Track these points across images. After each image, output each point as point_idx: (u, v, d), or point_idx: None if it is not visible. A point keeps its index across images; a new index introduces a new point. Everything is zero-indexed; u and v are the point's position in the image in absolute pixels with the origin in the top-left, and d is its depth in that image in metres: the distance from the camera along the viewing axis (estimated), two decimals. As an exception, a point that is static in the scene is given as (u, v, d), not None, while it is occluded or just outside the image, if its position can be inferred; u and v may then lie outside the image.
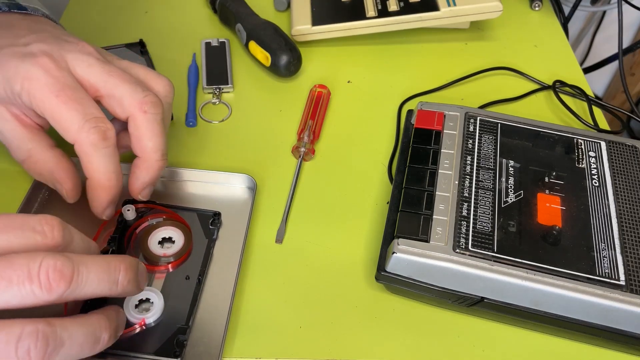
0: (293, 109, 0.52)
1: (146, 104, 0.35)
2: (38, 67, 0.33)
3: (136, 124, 0.36)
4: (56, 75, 0.33)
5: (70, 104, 0.33)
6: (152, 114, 0.36)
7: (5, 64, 0.34)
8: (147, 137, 0.36)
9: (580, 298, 0.35)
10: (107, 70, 0.35)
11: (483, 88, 0.56)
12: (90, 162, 0.34)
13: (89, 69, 0.35)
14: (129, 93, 0.35)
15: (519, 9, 0.66)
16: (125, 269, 0.29)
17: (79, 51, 0.35)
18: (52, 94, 0.33)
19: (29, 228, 0.27)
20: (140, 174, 0.37)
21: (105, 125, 0.34)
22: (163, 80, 0.39)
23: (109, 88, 0.35)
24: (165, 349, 0.35)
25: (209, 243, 0.40)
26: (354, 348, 0.37)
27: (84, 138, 0.33)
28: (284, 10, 0.63)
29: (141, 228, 0.40)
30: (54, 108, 0.33)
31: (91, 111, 0.34)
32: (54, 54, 0.34)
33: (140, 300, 0.37)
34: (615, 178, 0.42)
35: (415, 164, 0.42)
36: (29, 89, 0.33)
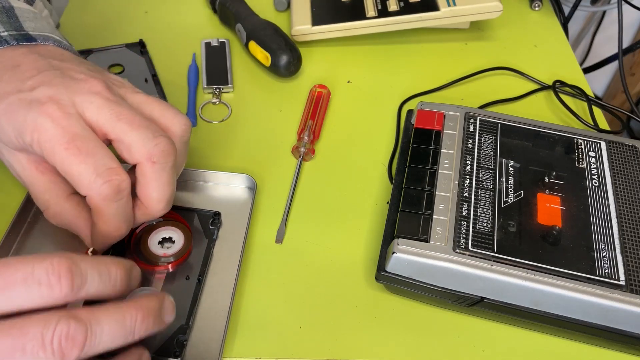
0: (293, 109, 0.52)
1: (155, 155, 0.33)
2: (45, 117, 0.32)
3: (143, 173, 0.34)
4: (64, 125, 0.32)
5: (81, 156, 0.31)
6: (161, 163, 0.33)
7: (14, 113, 0.32)
8: (152, 188, 0.34)
9: (580, 298, 0.35)
10: (117, 114, 0.33)
11: (483, 88, 0.56)
12: (101, 216, 0.33)
13: (98, 112, 0.33)
14: (138, 141, 0.33)
15: (519, 9, 0.66)
16: (143, 317, 0.28)
17: (87, 92, 0.33)
18: (61, 146, 0.31)
19: (34, 282, 0.26)
20: (137, 216, 0.36)
21: (119, 177, 0.32)
22: (180, 119, 0.36)
23: (117, 133, 0.33)
24: (165, 348, 0.35)
25: (209, 243, 0.40)
26: (354, 348, 0.37)
27: (95, 193, 0.32)
28: (284, 10, 0.63)
29: (141, 228, 0.40)
30: (64, 160, 0.31)
31: (103, 162, 0.32)
32: (61, 99, 0.33)
33: None
34: (615, 178, 0.42)
35: (415, 164, 0.42)
36: (38, 140, 0.32)
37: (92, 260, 0.28)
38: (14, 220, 0.40)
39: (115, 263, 0.29)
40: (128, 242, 0.40)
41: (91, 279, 0.27)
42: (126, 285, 0.30)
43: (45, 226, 0.41)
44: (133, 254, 0.39)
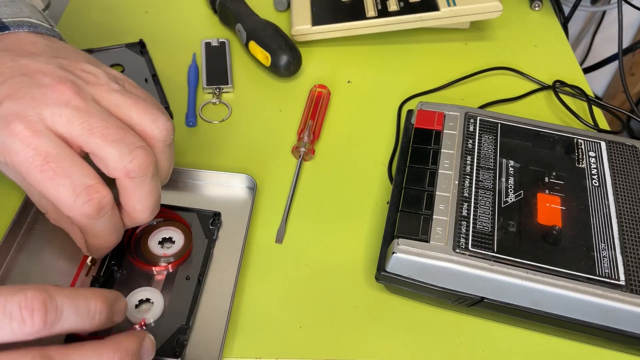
0: (293, 109, 0.52)
1: (132, 170, 0.31)
2: (13, 139, 0.30)
3: (123, 187, 0.32)
4: (35, 145, 0.30)
5: (56, 178, 0.30)
6: (140, 177, 0.32)
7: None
8: (134, 200, 0.33)
9: (580, 298, 0.35)
10: (89, 127, 0.31)
11: (483, 88, 0.56)
12: (88, 232, 0.33)
13: (69, 125, 0.31)
14: (113, 156, 0.31)
15: (519, 9, 0.66)
16: (121, 358, 0.27)
17: (54, 103, 0.31)
18: (35, 169, 0.29)
19: (5, 316, 0.24)
20: (125, 223, 0.35)
21: (98, 195, 0.30)
22: (160, 123, 0.33)
23: (92, 148, 0.31)
24: (165, 349, 0.35)
25: (209, 243, 0.40)
26: (354, 348, 0.37)
27: (78, 213, 0.30)
28: (284, 10, 0.63)
29: (141, 228, 0.40)
30: (41, 184, 0.30)
31: (81, 181, 0.30)
32: (28, 115, 0.30)
33: (141, 301, 0.37)
34: (615, 178, 0.42)
35: (415, 164, 0.42)
36: (12, 163, 0.30)
37: (69, 294, 0.27)
38: (14, 219, 0.40)
39: (95, 296, 0.28)
40: (128, 243, 0.40)
41: (67, 313, 0.26)
42: (106, 319, 0.29)
43: (46, 225, 0.41)
44: (133, 254, 0.39)
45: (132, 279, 0.38)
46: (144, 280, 0.38)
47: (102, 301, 0.28)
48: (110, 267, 0.38)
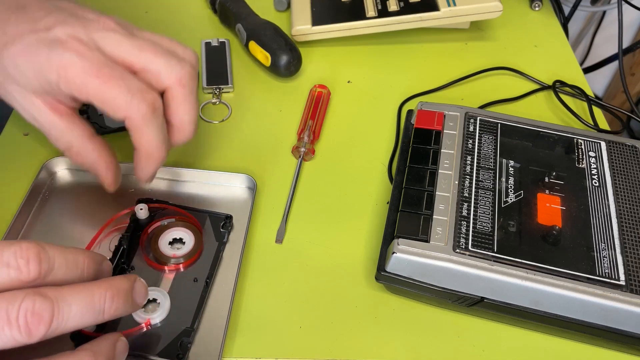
0: (293, 109, 0.52)
1: (184, 77, 0.35)
2: (71, 53, 0.32)
3: (174, 97, 0.35)
4: (90, 57, 0.32)
5: (113, 81, 0.32)
6: (190, 86, 0.35)
7: (34, 54, 0.33)
8: (184, 110, 0.36)
9: (580, 298, 0.35)
10: (138, 45, 0.34)
11: (483, 88, 0.56)
12: (142, 135, 0.34)
13: (118, 45, 0.34)
14: (165, 67, 0.35)
15: (519, 9, 0.66)
16: (112, 296, 0.29)
17: (103, 29, 0.34)
18: (91, 76, 0.32)
19: (2, 264, 0.26)
20: (173, 140, 0.37)
21: (152, 95, 0.33)
22: (188, 50, 0.38)
23: (143, 63, 0.34)
24: (168, 350, 0.35)
25: (219, 246, 0.40)
26: (354, 348, 0.37)
27: (134, 112, 0.33)
28: (284, 10, 0.63)
29: (153, 228, 0.40)
30: (98, 89, 0.32)
31: (134, 84, 0.33)
32: (81, 36, 0.33)
33: (147, 300, 0.37)
34: (615, 178, 0.42)
35: (415, 164, 0.42)
36: (66, 77, 0.32)
37: (60, 248, 0.28)
38: (20, 209, 0.40)
39: (83, 253, 0.30)
40: (138, 242, 0.40)
41: (59, 265, 0.28)
42: (94, 276, 0.30)
43: (50, 216, 0.41)
44: (144, 253, 0.39)
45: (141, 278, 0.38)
46: (152, 280, 0.38)
47: (89, 258, 0.30)
48: (120, 264, 0.38)
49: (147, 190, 0.44)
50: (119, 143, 0.41)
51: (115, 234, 0.40)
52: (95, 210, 0.42)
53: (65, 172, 0.44)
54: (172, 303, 0.37)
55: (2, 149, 0.46)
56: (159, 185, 0.44)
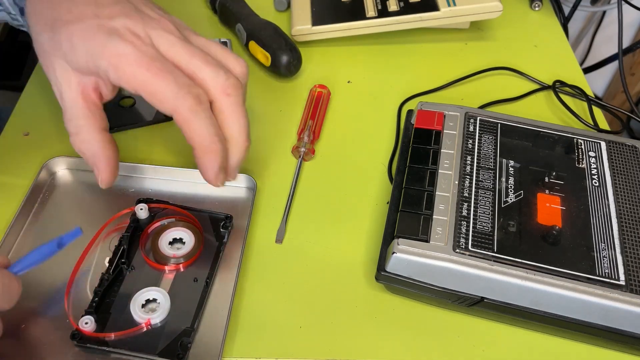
0: (293, 109, 0.52)
1: (229, 87, 0.36)
2: (127, 44, 0.34)
3: (220, 108, 0.36)
4: (144, 50, 0.34)
5: (162, 74, 0.33)
6: (235, 96, 0.36)
7: (92, 38, 0.34)
8: (231, 121, 0.36)
9: (580, 298, 0.35)
10: (190, 51, 0.35)
11: (483, 88, 0.56)
12: (192, 128, 0.34)
13: (172, 48, 0.35)
14: (212, 77, 0.35)
15: (519, 9, 0.66)
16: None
17: (161, 29, 0.35)
18: (142, 67, 0.33)
19: None
20: (230, 155, 0.37)
21: (197, 90, 0.34)
22: (240, 61, 0.38)
23: (192, 70, 0.35)
24: (168, 350, 0.35)
25: (219, 246, 0.40)
26: (354, 348, 0.37)
27: (180, 104, 0.34)
28: (284, 10, 0.63)
29: (153, 228, 0.40)
30: (147, 81, 0.33)
31: (182, 79, 0.34)
32: (139, 31, 0.35)
33: (147, 300, 0.37)
34: (615, 178, 0.42)
35: (415, 164, 0.42)
36: (117, 65, 0.34)
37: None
38: (20, 209, 0.40)
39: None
40: (138, 241, 0.40)
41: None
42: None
43: (50, 216, 0.41)
44: (143, 253, 0.39)
45: (141, 278, 0.38)
46: (152, 280, 0.38)
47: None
48: (120, 265, 0.38)
49: (148, 190, 0.44)
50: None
51: (116, 234, 0.40)
52: (96, 210, 0.42)
53: (65, 172, 0.44)
54: (172, 303, 0.37)
55: (2, 149, 0.46)
56: (159, 185, 0.44)
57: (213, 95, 0.36)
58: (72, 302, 0.37)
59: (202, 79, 0.35)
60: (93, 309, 0.35)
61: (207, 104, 0.35)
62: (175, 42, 0.35)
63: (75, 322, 0.35)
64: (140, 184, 0.44)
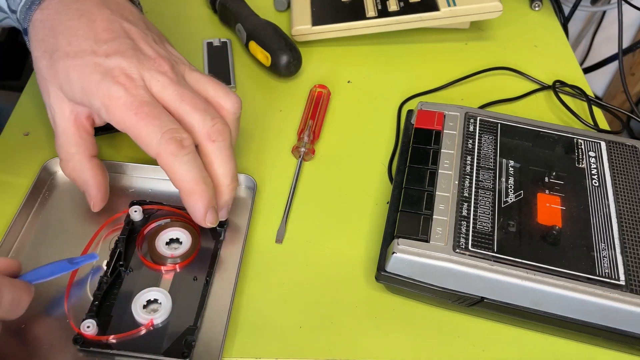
0: (293, 109, 0.52)
1: (214, 134, 0.36)
2: (119, 87, 0.35)
3: (205, 152, 0.37)
4: (134, 94, 0.35)
5: (148, 119, 0.34)
6: (220, 142, 0.37)
7: (87, 76, 0.35)
8: (216, 165, 0.37)
9: (580, 298, 0.35)
10: (180, 95, 0.36)
11: (483, 88, 0.56)
12: (174, 172, 0.35)
13: (163, 90, 0.36)
14: (199, 122, 0.36)
15: (519, 9, 0.66)
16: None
17: (155, 70, 0.36)
18: (131, 112, 0.34)
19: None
20: (217, 199, 0.38)
21: (181, 135, 0.35)
22: (232, 97, 0.39)
23: (180, 114, 0.36)
24: (173, 349, 0.35)
25: (217, 244, 0.40)
26: (354, 348, 0.37)
27: (163, 149, 0.34)
28: (284, 10, 0.63)
29: (149, 229, 0.40)
30: (134, 125, 0.35)
31: (167, 124, 0.35)
32: (132, 73, 0.36)
33: (148, 301, 0.37)
34: (615, 178, 0.42)
35: (415, 164, 0.42)
36: (108, 107, 0.35)
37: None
38: (20, 209, 0.40)
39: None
40: (134, 243, 0.40)
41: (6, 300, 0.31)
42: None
43: (50, 216, 0.41)
44: (140, 254, 0.39)
45: (140, 279, 0.38)
46: (152, 281, 0.38)
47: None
48: (118, 267, 0.38)
49: (147, 190, 0.44)
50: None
51: (115, 234, 0.40)
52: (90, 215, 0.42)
53: (65, 172, 0.44)
54: (173, 302, 0.37)
55: (2, 149, 0.46)
56: (159, 185, 0.44)
57: (199, 140, 0.36)
58: (72, 305, 0.36)
59: (189, 124, 0.36)
60: (94, 312, 0.35)
61: (191, 148, 0.35)
62: (167, 84, 0.36)
63: (76, 326, 0.35)
64: (140, 184, 0.44)
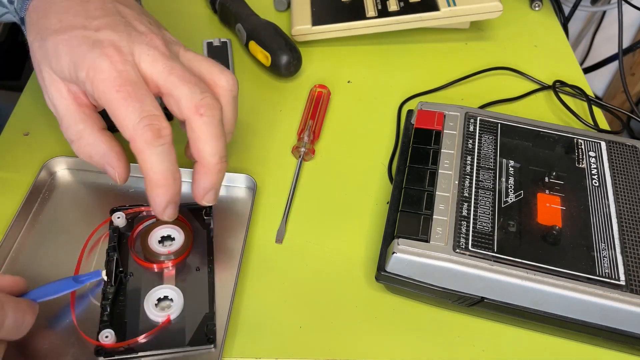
0: (293, 109, 0.52)
1: (202, 107, 0.34)
2: (104, 58, 0.33)
3: (192, 127, 0.35)
4: (120, 69, 0.33)
5: (129, 100, 0.33)
6: (209, 116, 0.35)
7: (76, 47, 0.34)
8: (203, 141, 0.35)
9: (580, 298, 0.35)
10: (169, 68, 0.35)
11: (483, 88, 0.56)
12: (145, 160, 0.34)
13: (153, 64, 0.35)
14: (187, 95, 0.34)
15: (519, 9, 0.66)
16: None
17: (146, 44, 0.35)
18: (113, 88, 0.33)
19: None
20: (200, 180, 0.36)
21: (160, 124, 0.33)
22: (226, 75, 0.37)
23: (168, 87, 0.35)
24: (197, 338, 0.35)
25: (208, 233, 0.41)
26: (354, 348, 0.37)
27: (138, 135, 0.33)
28: (284, 10, 0.63)
29: (138, 231, 0.40)
30: (114, 102, 0.33)
31: (148, 108, 0.33)
32: (122, 46, 0.34)
33: (159, 299, 0.37)
34: (615, 178, 0.42)
35: (415, 164, 0.42)
36: (92, 79, 0.33)
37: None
38: (20, 209, 0.40)
39: (32, 312, 0.33)
40: (127, 247, 0.40)
41: (10, 321, 0.31)
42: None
43: (50, 216, 0.41)
44: (136, 257, 0.39)
45: (142, 281, 0.38)
46: (155, 280, 0.38)
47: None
48: (118, 274, 0.38)
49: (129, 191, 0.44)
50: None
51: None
52: (95, 210, 0.42)
53: (65, 172, 0.44)
54: (183, 295, 0.37)
55: (2, 149, 0.46)
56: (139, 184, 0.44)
57: (186, 114, 0.35)
58: (80, 319, 0.36)
59: (177, 97, 0.35)
60: (108, 322, 0.35)
61: (168, 138, 0.34)
62: (157, 57, 0.35)
63: (89, 337, 0.35)
64: (140, 184, 0.44)
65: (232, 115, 0.38)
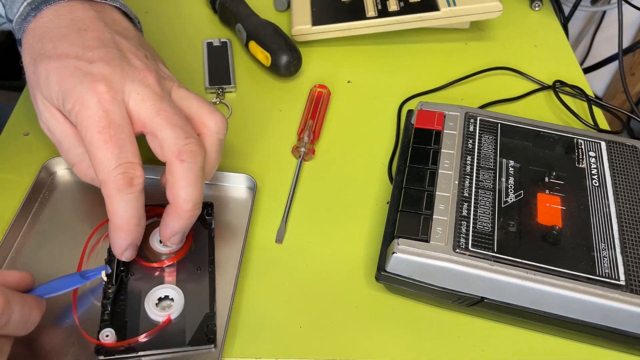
0: (293, 109, 0.52)
1: (184, 153, 0.34)
2: (93, 94, 0.33)
3: (171, 171, 0.35)
4: (107, 109, 0.33)
5: (109, 144, 0.33)
6: (189, 163, 0.34)
7: (67, 77, 0.34)
8: (180, 186, 0.35)
9: (580, 298, 0.35)
10: (157, 109, 0.34)
11: (483, 88, 0.56)
12: (112, 204, 0.34)
13: (142, 103, 0.34)
14: (171, 138, 0.34)
15: (519, 9, 0.66)
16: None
17: (139, 81, 0.35)
18: (96, 128, 0.33)
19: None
20: (170, 222, 0.36)
21: (134, 172, 0.33)
22: (216, 116, 0.37)
23: (154, 128, 0.34)
24: (197, 338, 0.35)
25: (209, 233, 0.41)
26: (354, 348, 0.37)
27: (111, 181, 0.33)
28: (284, 10, 0.63)
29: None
30: (94, 142, 0.33)
31: (126, 155, 0.33)
32: (114, 82, 0.34)
33: (160, 299, 0.37)
34: (615, 178, 0.42)
35: (415, 164, 0.42)
36: (77, 113, 0.33)
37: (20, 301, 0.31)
38: (20, 209, 0.40)
39: (38, 308, 0.33)
40: None
41: (16, 317, 0.30)
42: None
43: (50, 216, 0.41)
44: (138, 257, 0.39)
45: (143, 280, 0.38)
46: (157, 280, 0.38)
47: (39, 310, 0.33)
48: (119, 274, 0.38)
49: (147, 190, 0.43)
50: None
51: None
52: (96, 210, 0.42)
53: (65, 172, 0.44)
54: (184, 295, 0.37)
55: (2, 149, 0.46)
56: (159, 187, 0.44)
57: (168, 157, 0.34)
58: (81, 318, 0.36)
59: (161, 139, 0.34)
60: (108, 321, 0.35)
61: (139, 187, 0.34)
62: (147, 97, 0.34)
63: (90, 336, 0.35)
64: None
65: (215, 158, 0.38)
